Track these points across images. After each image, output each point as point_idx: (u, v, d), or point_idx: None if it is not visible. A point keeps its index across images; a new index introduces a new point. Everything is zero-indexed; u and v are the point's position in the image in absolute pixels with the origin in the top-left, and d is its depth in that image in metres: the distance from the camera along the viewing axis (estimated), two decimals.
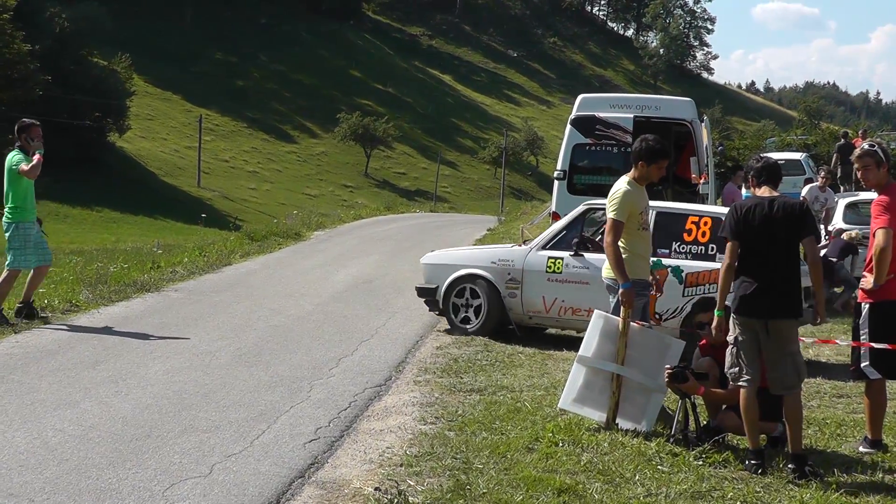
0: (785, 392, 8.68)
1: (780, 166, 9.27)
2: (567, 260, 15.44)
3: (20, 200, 15.04)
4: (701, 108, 23.92)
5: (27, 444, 8.67)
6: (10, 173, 14.98)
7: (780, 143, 50.03)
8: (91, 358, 12.48)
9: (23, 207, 15.07)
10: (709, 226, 14.99)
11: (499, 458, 8.54)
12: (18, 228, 15.01)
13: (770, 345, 8.66)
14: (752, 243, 8.71)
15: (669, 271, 14.70)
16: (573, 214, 16.08)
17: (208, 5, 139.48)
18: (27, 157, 14.96)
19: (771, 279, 8.63)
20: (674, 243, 15.10)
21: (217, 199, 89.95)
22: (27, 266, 15.14)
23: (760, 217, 8.69)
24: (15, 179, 14.95)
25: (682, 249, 15.02)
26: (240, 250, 27.88)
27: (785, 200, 8.78)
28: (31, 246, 15.09)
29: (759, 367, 8.76)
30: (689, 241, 15.00)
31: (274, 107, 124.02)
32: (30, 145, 15.11)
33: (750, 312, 8.67)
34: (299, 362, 12.76)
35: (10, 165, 14.97)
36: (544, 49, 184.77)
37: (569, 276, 15.42)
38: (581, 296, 15.13)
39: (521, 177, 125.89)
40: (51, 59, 75.75)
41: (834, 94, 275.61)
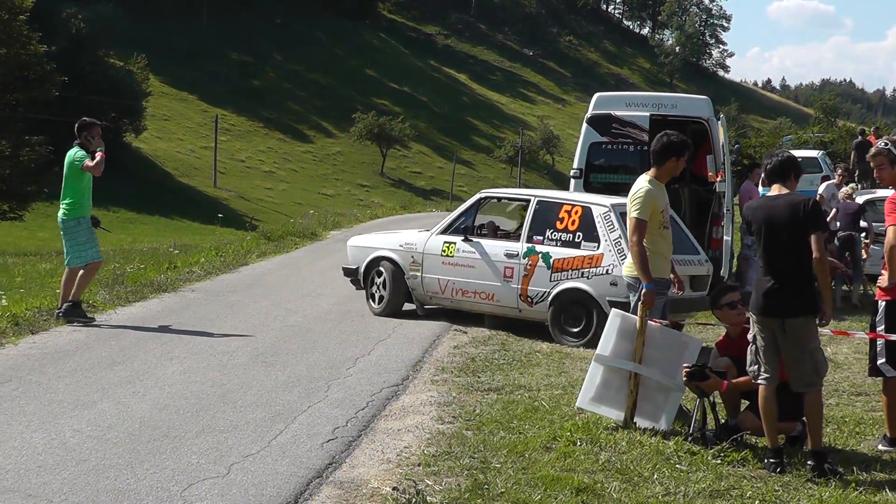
0: (805, 389, 8.64)
1: (792, 161, 9.20)
2: (459, 244, 16.73)
3: (79, 197, 15.31)
4: (717, 106, 23.92)
5: (45, 444, 8.68)
6: (72, 169, 15.23)
7: (796, 140, 50.04)
8: (108, 358, 12.49)
9: (81, 204, 15.33)
10: (579, 214, 15.82)
11: (516, 458, 8.53)
12: (81, 223, 15.32)
13: (788, 343, 8.62)
14: (761, 242, 8.71)
15: (540, 257, 15.82)
16: (468, 203, 17.52)
17: (224, 5, 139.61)
18: (88, 155, 15.17)
19: (783, 277, 8.59)
20: (547, 230, 16.03)
21: (233, 199, 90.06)
22: (95, 258, 15.48)
23: (763, 216, 8.68)
24: (76, 175, 15.21)
25: (553, 237, 15.93)
26: (256, 250, 27.92)
27: (790, 198, 8.72)
28: (94, 239, 15.52)
29: (777, 366, 8.73)
30: (559, 230, 15.89)
31: (290, 106, 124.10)
32: (91, 143, 15.33)
33: (765, 311, 8.64)
34: (316, 362, 12.76)
35: (73, 161, 15.21)
36: (560, 48, 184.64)
37: (459, 259, 16.69)
38: (469, 278, 16.50)
39: (538, 175, 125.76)
40: (67, 59, 75.82)
41: (850, 91, 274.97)
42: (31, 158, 59.09)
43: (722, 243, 19.22)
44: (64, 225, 15.46)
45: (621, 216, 14.79)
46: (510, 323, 16.44)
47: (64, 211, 15.42)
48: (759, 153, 46.35)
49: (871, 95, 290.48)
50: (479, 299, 16.59)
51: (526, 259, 16.01)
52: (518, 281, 16.04)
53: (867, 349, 10.74)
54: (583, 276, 15.43)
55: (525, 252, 16.05)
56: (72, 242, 15.34)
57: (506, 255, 16.25)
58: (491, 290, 16.39)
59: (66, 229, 15.46)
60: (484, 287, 16.44)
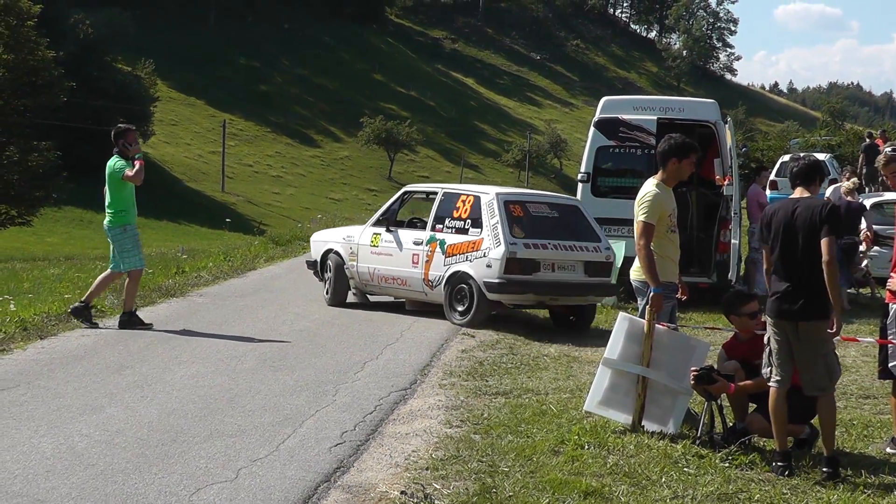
0: (817, 393, 8.64)
1: (819, 166, 9.21)
2: (383, 235, 18.18)
3: (123, 204, 15.39)
4: (724, 109, 23.88)
5: (53, 449, 8.68)
6: (113, 178, 15.30)
7: (803, 143, 49.96)
8: (116, 363, 12.51)
9: (126, 211, 15.43)
10: (470, 204, 17.20)
11: (524, 461, 8.53)
12: (127, 231, 15.45)
13: (801, 346, 8.61)
14: (778, 245, 8.69)
15: (437, 244, 17.20)
16: (393, 198, 19.07)
17: (231, 10, 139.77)
18: (128, 163, 15.28)
19: (798, 281, 8.58)
20: (446, 219, 17.45)
21: (241, 203, 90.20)
22: (139, 266, 15.75)
23: (782, 219, 8.67)
24: (118, 184, 15.30)
25: (450, 225, 17.34)
26: (264, 255, 27.97)
27: (808, 201, 8.72)
28: (139, 247, 15.73)
29: (790, 369, 8.73)
30: (455, 218, 17.31)
31: (297, 111, 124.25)
32: (129, 150, 15.42)
33: (780, 314, 8.64)
34: (324, 366, 12.77)
35: (113, 171, 15.30)
36: (567, 52, 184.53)
37: (382, 249, 18.14)
38: (388, 266, 17.94)
39: (545, 179, 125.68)
40: (75, 65, 76.03)
41: (858, 94, 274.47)
42: (39, 164, 59.27)
43: (729, 247, 19.24)
44: (110, 232, 15.56)
45: (504, 204, 16.69)
46: (518, 327, 16.49)
47: (109, 219, 15.51)
48: (766, 156, 46.36)
49: (878, 98, 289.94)
50: (397, 285, 18.04)
51: (427, 246, 17.40)
52: (422, 266, 17.40)
53: (875, 352, 10.73)
54: (467, 259, 16.72)
55: (427, 240, 17.46)
56: (118, 249, 15.50)
57: (413, 242, 17.67)
58: (404, 276, 17.80)
59: (112, 237, 15.58)
60: (399, 273, 17.86)
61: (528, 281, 16.36)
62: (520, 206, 17.08)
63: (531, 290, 16.51)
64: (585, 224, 17.46)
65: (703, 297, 17.61)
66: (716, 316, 16.13)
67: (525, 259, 16.24)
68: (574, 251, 16.81)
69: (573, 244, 16.86)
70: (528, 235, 16.50)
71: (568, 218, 17.58)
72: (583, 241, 17.04)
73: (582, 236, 17.15)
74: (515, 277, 16.20)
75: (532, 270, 16.33)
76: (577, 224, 17.43)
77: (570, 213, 17.77)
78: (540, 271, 16.42)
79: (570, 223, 17.41)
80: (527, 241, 16.38)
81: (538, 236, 16.62)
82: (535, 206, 17.45)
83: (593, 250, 17.03)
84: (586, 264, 16.89)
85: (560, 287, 16.73)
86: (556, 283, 16.65)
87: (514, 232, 16.39)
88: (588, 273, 16.92)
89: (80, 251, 53.03)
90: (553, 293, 16.82)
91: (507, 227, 16.35)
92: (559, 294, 16.89)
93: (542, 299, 16.98)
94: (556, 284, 16.66)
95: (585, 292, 17.12)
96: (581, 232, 17.26)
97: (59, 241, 65.18)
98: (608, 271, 17.29)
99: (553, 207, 17.73)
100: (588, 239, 17.15)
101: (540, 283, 16.48)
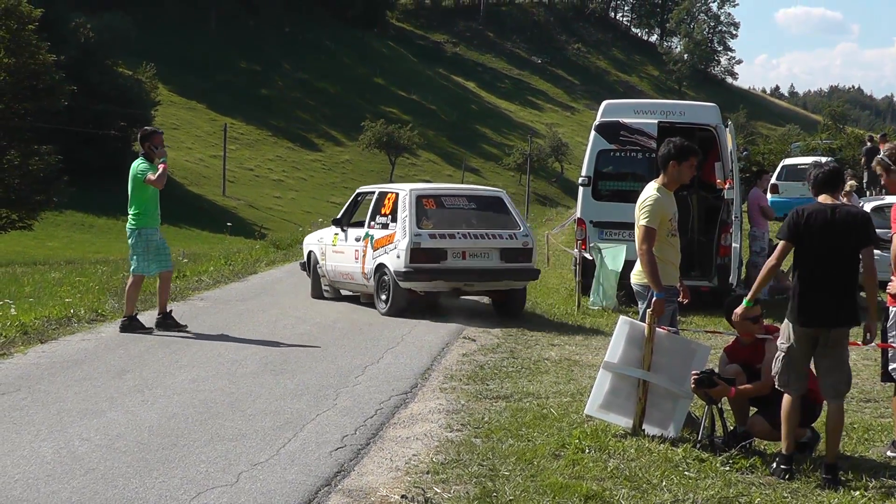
0: (836, 399, 8.62)
1: (841, 173, 9.21)
2: (340, 234, 19.71)
3: (143, 207, 15.35)
4: (725, 112, 23.89)
5: (54, 453, 8.68)
6: (136, 181, 15.29)
7: (804, 147, 49.94)
8: (117, 367, 12.51)
9: (145, 214, 15.36)
10: (392, 200, 18.60)
11: (525, 465, 8.53)
12: (141, 235, 15.36)
13: (829, 352, 8.60)
14: (814, 250, 8.61)
15: (369, 239, 18.61)
16: (350, 199, 20.71)
17: (232, 14, 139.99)
18: (152, 166, 15.27)
19: (834, 287, 8.57)
20: (377, 216, 18.87)
21: (242, 207, 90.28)
22: (148, 272, 15.63)
23: (822, 224, 8.58)
24: (140, 187, 15.27)
25: (379, 221, 18.75)
26: (265, 259, 28.02)
27: (848, 209, 8.74)
28: (152, 252, 15.47)
29: (807, 376, 8.75)
30: (382, 214, 18.73)
31: (298, 115, 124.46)
32: (154, 153, 15.43)
33: (816, 322, 8.57)
34: (325, 370, 12.76)
35: (136, 173, 15.29)
36: (568, 55, 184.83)
37: (338, 247, 19.68)
38: (341, 262, 19.53)
39: (546, 183, 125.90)
40: (76, 69, 76.15)
41: (859, 97, 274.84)
42: (40, 168, 59.31)
43: (730, 250, 19.23)
44: (130, 235, 15.54)
45: (416, 199, 18.17)
46: (518, 331, 16.49)
47: (130, 221, 15.51)
48: (767, 160, 46.34)
49: (879, 102, 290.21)
50: (348, 280, 19.61)
51: (363, 242, 18.86)
52: (360, 261, 18.85)
53: (876, 355, 10.73)
54: (385, 251, 18.13)
55: (363, 236, 18.93)
56: (135, 252, 15.49)
57: (355, 239, 19.19)
58: (350, 271, 19.36)
59: (129, 238, 15.60)
60: (347, 269, 19.42)
61: (435, 269, 17.77)
62: (433, 200, 18.57)
63: (439, 277, 17.86)
64: (505, 213, 18.80)
65: (704, 300, 17.59)
66: (717, 319, 16.11)
67: (430, 248, 17.72)
68: (488, 239, 18.08)
69: (487, 233, 18.15)
70: (437, 227, 17.91)
71: (488, 209, 19.06)
72: (499, 230, 18.30)
73: (499, 225, 18.44)
74: (422, 266, 17.67)
75: (439, 259, 17.80)
76: (496, 214, 18.84)
77: (491, 204, 19.26)
78: (448, 259, 17.84)
79: (490, 214, 18.90)
80: (433, 231, 17.81)
81: (448, 227, 18.00)
82: (452, 200, 18.90)
83: (509, 237, 18.24)
84: (502, 251, 18.12)
85: (472, 273, 18.01)
86: (466, 269, 17.96)
87: (422, 224, 17.86)
88: (504, 259, 18.15)
89: (80, 255, 53.11)
90: (465, 279, 18.07)
91: (414, 220, 17.83)
92: (472, 280, 18.13)
93: (454, 286, 18.18)
94: (466, 271, 17.98)
95: (500, 277, 18.25)
96: (499, 221, 18.60)
97: (60, 245, 65.25)
98: (528, 257, 18.50)
99: (472, 200, 19.18)
100: (505, 227, 18.41)
101: (448, 271, 17.85)
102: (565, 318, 18.26)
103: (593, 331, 16.83)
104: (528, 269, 18.52)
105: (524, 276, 18.62)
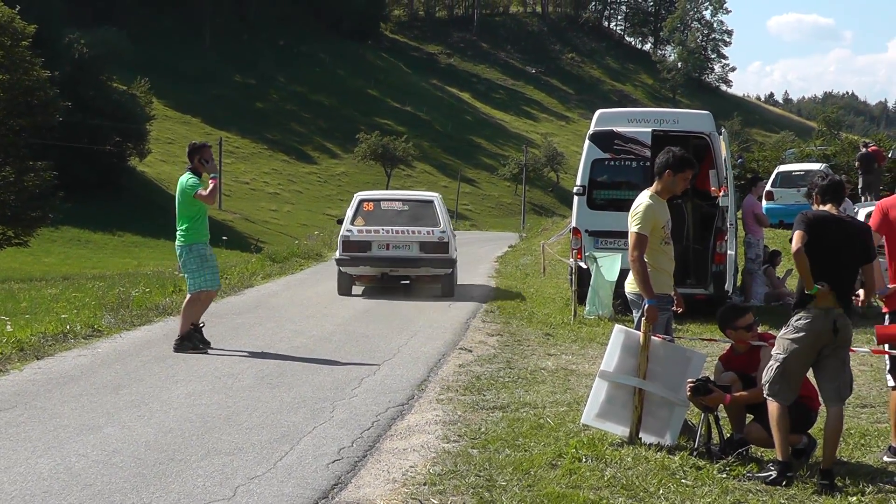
0: (838, 403, 8.65)
1: (843, 184, 9.24)
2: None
3: (192, 223, 15.04)
4: (720, 120, 23.94)
5: (51, 469, 8.67)
6: (185, 196, 15.04)
7: (799, 154, 49.96)
8: (113, 382, 12.50)
9: (195, 229, 15.06)
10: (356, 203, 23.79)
11: (522, 475, 8.52)
12: (192, 250, 15.05)
13: (833, 357, 8.63)
14: (821, 257, 8.61)
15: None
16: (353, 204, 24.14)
17: (226, 28, 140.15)
18: (201, 182, 15.08)
19: (847, 295, 8.65)
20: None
21: (238, 221, 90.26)
22: (207, 287, 15.20)
23: (836, 234, 8.60)
24: (189, 202, 15.00)
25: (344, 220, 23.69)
26: (261, 272, 27.99)
27: (856, 223, 8.85)
28: (207, 266, 15.16)
29: (798, 388, 8.77)
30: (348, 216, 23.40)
31: (293, 128, 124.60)
32: (204, 167, 15.23)
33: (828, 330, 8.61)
34: (322, 383, 12.76)
35: (185, 188, 15.05)
36: (562, 65, 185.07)
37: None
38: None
39: (542, 193, 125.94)
40: (70, 84, 76.24)
41: (853, 103, 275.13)
42: (35, 184, 59.28)
43: (726, 258, 19.24)
44: (179, 251, 15.29)
45: (359, 202, 23.92)
46: (514, 341, 16.51)
47: (178, 237, 15.19)
48: (761, 167, 46.39)
49: (873, 108, 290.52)
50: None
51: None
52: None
53: (871, 361, 10.77)
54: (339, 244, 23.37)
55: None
56: (184, 268, 15.29)
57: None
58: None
59: (179, 255, 15.35)
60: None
61: (361, 257, 23.09)
62: (372, 203, 24.05)
63: (365, 263, 23.19)
64: (431, 214, 23.75)
65: (699, 308, 17.60)
66: (712, 327, 16.11)
67: (357, 241, 23.07)
68: (409, 234, 23.14)
69: (409, 229, 23.23)
70: (367, 224, 23.33)
71: (418, 210, 24.05)
72: (420, 227, 23.26)
73: (422, 223, 23.40)
74: (352, 255, 23.10)
75: (366, 249, 23.08)
76: (423, 215, 23.76)
77: (423, 206, 24.28)
78: (372, 250, 23.08)
79: (418, 214, 23.86)
80: (361, 227, 23.23)
81: (377, 224, 23.29)
82: (388, 203, 24.35)
83: (427, 233, 23.22)
84: (421, 244, 23.05)
85: (392, 261, 23.11)
86: (387, 258, 23.11)
87: (356, 222, 23.37)
88: (423, 251, 23.10)
89: (77, 271, 53.08)
90: (389, 265, 23.23)
91: (350, 219, 23.47)
92: (394, 266, 23.27)
93: (381, 270, 23.36)
94: (390, 259, 23.12)
95: (417, 265, 23.15)
96: (423, 220, 23.54)
97: (57, 261, 65.21)
98: (444, 249, 23.27)
99: (407, 203, 24.44)
100: (427, 225, 23.35)
101: (374, 258, 23.10)
102: (561, 327, 18.25)
103: (589, 340, 16.82)
104: (444, 258, 23.35)
105: (440, 263, 23.34)
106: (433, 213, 23.65)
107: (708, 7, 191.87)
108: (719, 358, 9.98)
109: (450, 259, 23.38)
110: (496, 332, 17.58)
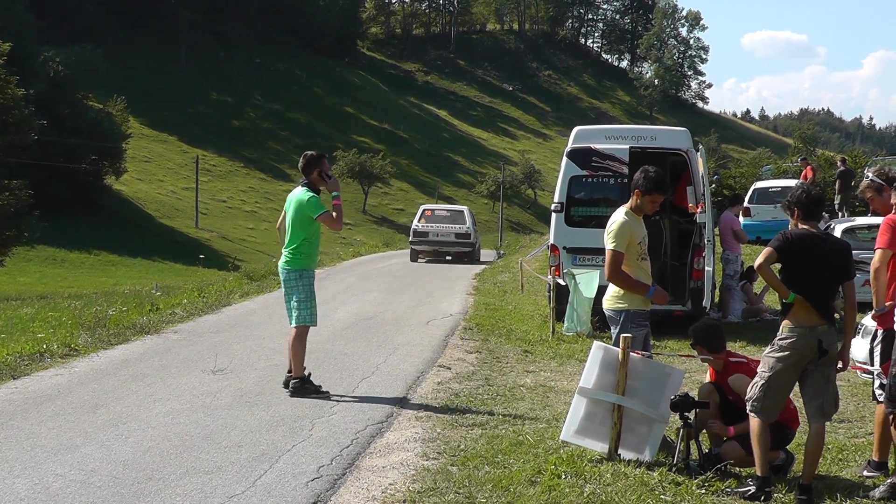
0: (823, 420, 8.69)
1: (822, 200, 9.26)
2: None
3: (304, 245, 13.28)
4: (697, 137, 24.01)
5: (28, 490, 8.63)
6: (302, 215, 13.26)
7: (775, 170, 50.18)
8: (91, 402, 12.45)
9: (307, 254, 13.30)
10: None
11: (502, 492, 8.52)
12: (303, 277, 13.28)
13: (817, 376, 8.67)
14: (800, 275, 8.67)
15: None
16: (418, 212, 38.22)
17: (202, 46, 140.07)
18: (318, 200, 13.25)
19: (829, 314, 8.69)
20: None
21: (215, 239, 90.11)
22: (312, 322, 13.38)
23: (813, 251, 8.65)
24: (305, 222, 13.23)
25: None
26: (239, 290, 27.92)
27: (835, 240, 8.90)
28: (314, 298, 13.47)
29: (782, 406, 8.81)
30: None
31: (270, 146, 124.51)
32: (326, 181, 13.35)
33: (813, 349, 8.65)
34: (300, 401, 12.73)
35: (304, 205, 13.22)
36: (539, 82, 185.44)
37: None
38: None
39: (520, 210, 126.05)
40: (46, 103, 75.99)
41: (829, 120, 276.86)
42: (10, 203, 58.92)
43: (703, 274, 19.28)
44: (284, 275, 13.45)
45: (423, 210, 42.84)
46: (493, 358, 16.52)
47: (286, 259, 13.40)
48: (738, 183, 46.62)
49: (849, 124, 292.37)
50: None
51: None
52: None
53: (849, 377, 10.79)
54: None
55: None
56: (294, 297, 13.36)
57: None
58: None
59: (285, 280, 13.47)
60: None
61: (423, 240, 38.78)
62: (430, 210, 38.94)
63: (425, 244, 41.56)
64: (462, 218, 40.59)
65: (678, 324, 17.62)
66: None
67: (421, 231, 38.62)
68: (448, 228, 41.63)
69: (448, 226, 41.71)
70: (427, 222, 42.79)
71: (455, 215, 42.21)
72: (455, 224, 38.50)
73: (456, 223, 40.34)
74: (418, 239, 40.17)
75: (425, 236, 38.60)
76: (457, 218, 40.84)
77: (457, 213, 42.51)
78: (429, 236, 38.06)
79: (455, 217, 40.98)
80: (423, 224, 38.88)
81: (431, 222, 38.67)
82: (438, 211, 41.23)
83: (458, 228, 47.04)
84: (455, 233, 38.64)
85: (439, 243, 38.15)
86: (436, 241, 38.50)
87: (420, 221, 38.11)
88: (456, 238, 39.74)
89: (53, 290, 52.85)
90: (436, 246, 39.72)
91: (418, 219, 37.97)
92: (439, 246, 40.09)
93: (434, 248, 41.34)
94: (437, 241, 38.26)
95: (453, 246, 38.68)
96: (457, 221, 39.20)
97: (32, 280, 64.90)
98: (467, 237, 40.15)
99: (449, 211, 44.39)
100: (459, 223, 38.46)
101: (429, 241, 40.53)
102: (540, 344, 18.25)
103: (568, 357, 16.84)
104: (468, 242, 42.61)
105: (466, 245, 43.02)
106: (463, 217, 44.24)
107: (684, 24, 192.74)
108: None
109: (472, 243, 43.65)
110: (475, 349, 17.58)
